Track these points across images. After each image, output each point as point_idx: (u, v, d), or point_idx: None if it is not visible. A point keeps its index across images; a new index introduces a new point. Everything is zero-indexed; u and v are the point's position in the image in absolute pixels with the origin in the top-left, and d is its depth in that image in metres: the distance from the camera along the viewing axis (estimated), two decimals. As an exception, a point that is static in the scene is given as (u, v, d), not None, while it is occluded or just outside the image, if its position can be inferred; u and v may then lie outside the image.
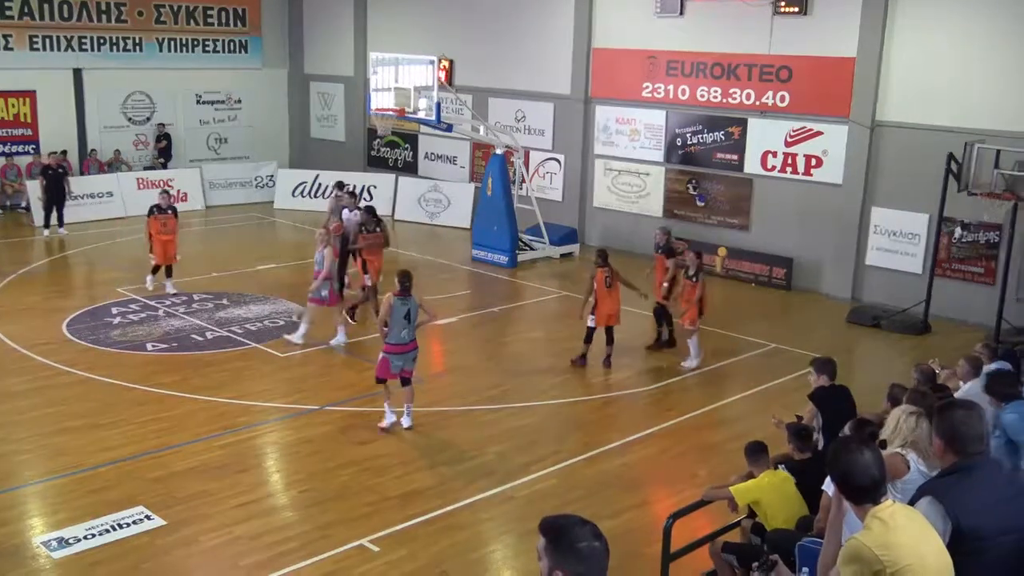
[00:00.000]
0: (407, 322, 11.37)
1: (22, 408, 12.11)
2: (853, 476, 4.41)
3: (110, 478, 10.23)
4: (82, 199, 23.37)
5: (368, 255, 15.85)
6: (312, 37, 29.10)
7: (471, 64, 24.62)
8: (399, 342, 11.43)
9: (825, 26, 18.38)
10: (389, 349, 11.47)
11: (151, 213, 17.33)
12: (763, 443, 8.14)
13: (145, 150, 27.10)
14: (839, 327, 16.96)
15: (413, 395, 11.81)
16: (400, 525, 9.38)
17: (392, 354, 11.48)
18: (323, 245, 14.66)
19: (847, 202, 18.46)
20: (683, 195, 21.11)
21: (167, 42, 27.03)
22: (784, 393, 13.09)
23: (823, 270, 19.03)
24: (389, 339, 11.44)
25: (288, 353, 14.43)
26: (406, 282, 11.42)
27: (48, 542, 8.90)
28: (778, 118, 19.33)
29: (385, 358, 11.51)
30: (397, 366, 11.56)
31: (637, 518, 9.72)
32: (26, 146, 25.05)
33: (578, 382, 13.80)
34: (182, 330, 15.38)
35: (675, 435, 11.97)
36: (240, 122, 28.80)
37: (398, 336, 11.40)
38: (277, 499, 10.16)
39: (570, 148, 22.95)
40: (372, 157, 27.92)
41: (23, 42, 24.60)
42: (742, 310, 17.89)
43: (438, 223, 24.54)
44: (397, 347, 11.46)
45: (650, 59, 21.02)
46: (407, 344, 11.51)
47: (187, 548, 8.91)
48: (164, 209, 17.30)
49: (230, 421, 11.88)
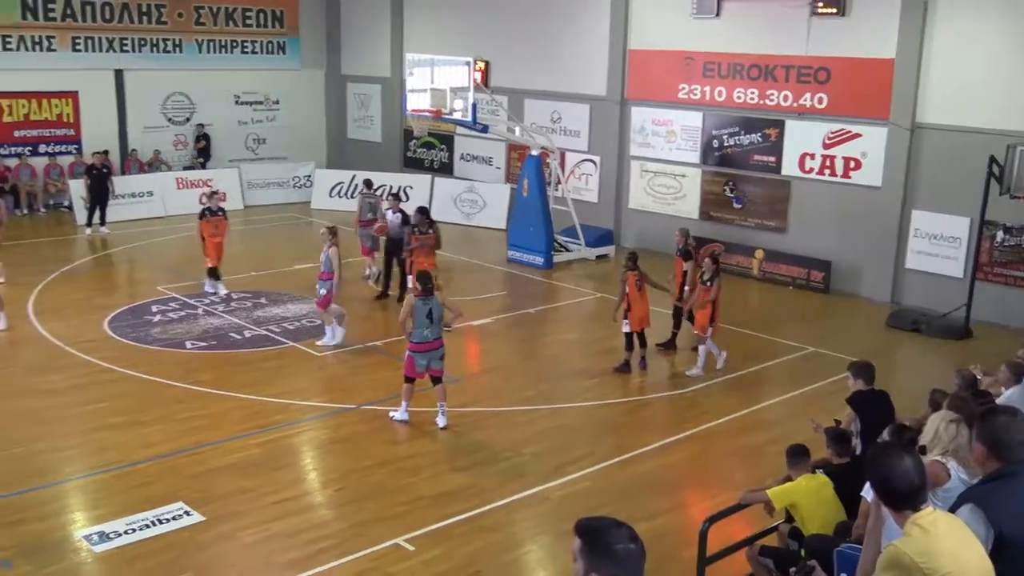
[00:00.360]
0: (429, 321, 11.59)
1: (65, 404, 12.30)
2: (892, 482, 4.36)
3: (150, 474, 10.37)
4: (122, 199, 23.67)
5: (418, 256, 15.81)
6: (349, 38, 29.28)
7: (507, 65, 24.66)
8: (422, 340, 11.67)
9: (863, 27, 18.22)
10: (413, 348, 11.72)
11: (203, 216, 17.34)
12: (804, 446, 8.06)
13: (184, 150, 27.43)
14: (878, 331, 16.80)
15: (445, 393, 11.90)
16: (435, 524, 9.42)
17: (416, 352, 11.70)
18: (328, 245, 14.59)
19: (886, 205, 18.28)
20: (720, 197, 21.01)
21: (206, 43, 27.33)
22: (822, 397, 12.99)
23: (862, 273, 18.86)
24: (413, 338, 11.70)
25: (324, 352, 14.54)
26: (427, 283, 11.70)
27: (90, 536, 9.03)
28: (816, 120, 19.19)
29: (410, 356, 11.75)
30: (422, 364, 11.75)
31: (673, 521, 9.69)
32: (68, 146, 25.45)
33: (614, 384, 13.77)
34: (221, 328, 15.53)
35: (712, 438, 11.91)
36: (278, 123, 29.06)
37: (421, 335, 11.65)
38: (313, 497, 10.25)
39: (606, 149, 22.92)
40: (408, 158, 28.04)
41: (66, 43, 24.97)
42: (779, 313, 17.78)
43: (474, 224, 24.60)
44: (420, 345, 11.68)
45: (687, 60, 20.94)
46: (430, 343, 11.72)
47: (225, 544, 9.01)
48: (215, 211, 17.35)
49: (267, 419, 11.99)
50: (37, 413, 11.97)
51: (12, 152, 24.64)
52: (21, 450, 10.89)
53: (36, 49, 24.56)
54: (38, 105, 25.01)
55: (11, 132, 24.67)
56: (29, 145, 24.91)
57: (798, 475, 7.77)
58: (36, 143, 25.02)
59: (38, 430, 11.45)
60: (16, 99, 24.63)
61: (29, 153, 24.75)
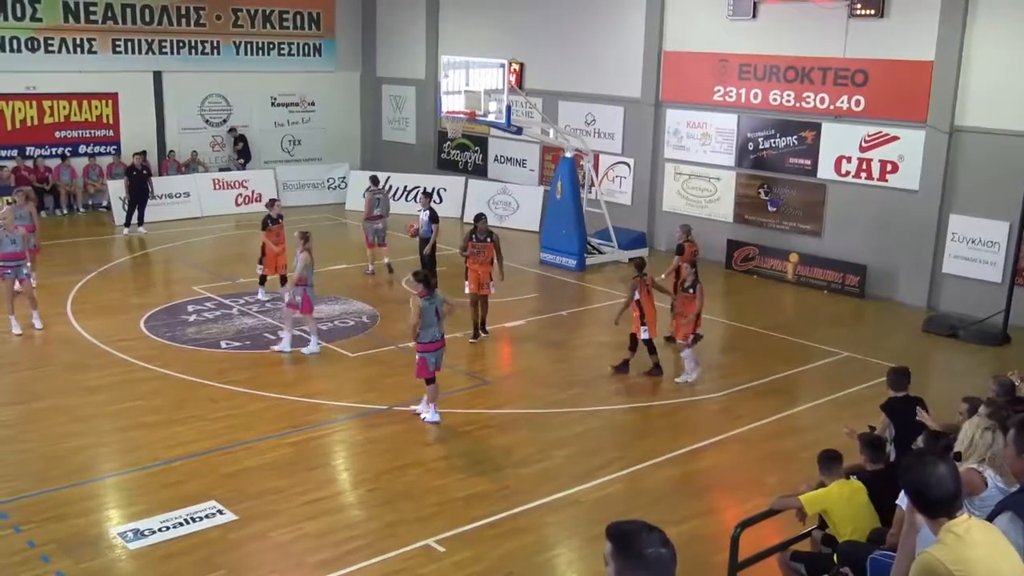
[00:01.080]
0: (437, 319, 11.67)
1: (101, 402, 12.46)
2: (928, 489, 4.31)
3: (184, 472, 10.47)
4: (160, 199, 23.93)
5: (472, 264, 15.49)
6: (385, 41, 29.42)
7: (541, 67, 24.66)
8: (433, 340, 11.74)
9: (902, 29, 18.03)
10: (424, 348, 11.75)
11: (265, 226, 16.98)
12: (837, 452, 8.00)
13: (221, 151, 27.70)
14: (914, 336, 16.61)
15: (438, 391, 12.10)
16: (466, 526, 9.44)
17: (428, 353, 11.76)
18: (300, 250, 14.31)
19: (924, 209, 18.08)
20: (754, 200, 20.88)
21: (244, 45, 27.58)
22: (856, 402, 12.87)
23: (898, 278, 18.66)
24: (422, 339, 11.70)
25: (358, 353, 14.60)
26: (429, 280, 11.81)
27: (125, 533, 9.14)
28: (853, 123, 19.02)
29: (423, 358, 11.78)
30: (433, 363, 11.82)
31: (705, 526, 9.65)
32: (108, 147, 25.78)
33: (646, 387, 13.72)
34: (255, 328, 15.66)
35: (744, 442, 11.84)
36: (313, 124, 29.27)
37: (432, 335, 11.71)
38: (345, 497, 10.30)
39: (640, 152, 22.85)
40: (442, 160, 28.11)
41: (106, 45, 25.30)
42: (814, 317, 17.65)
43: (507, 226, 24.58)
44: (431, 345, 11.76)
45: (722, 62, 20.84)
46: (439, 341, 11.84)
47: (258, 543, 9.08)
48: (275, 219, 17.05)
49: (300, 419, 12.07)
50: (74, 410, 12.13)
51: (53, 153, 25.00)
52: (59, 447, 11.04)
53: (77, 51, 24.91)
54: (78, 106, 25.37)
55: (52, 133, 25.04)
56: (69, 146, 25.27)
57: (831, 481, 7.70)
58: (76, 144, 25.37)
59: (75, 427, 11.61)
60: (57, 100, 25.00)
61: (69, 154, 25.10)
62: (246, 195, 25.94)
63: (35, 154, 24.75)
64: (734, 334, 16.64)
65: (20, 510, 9.50)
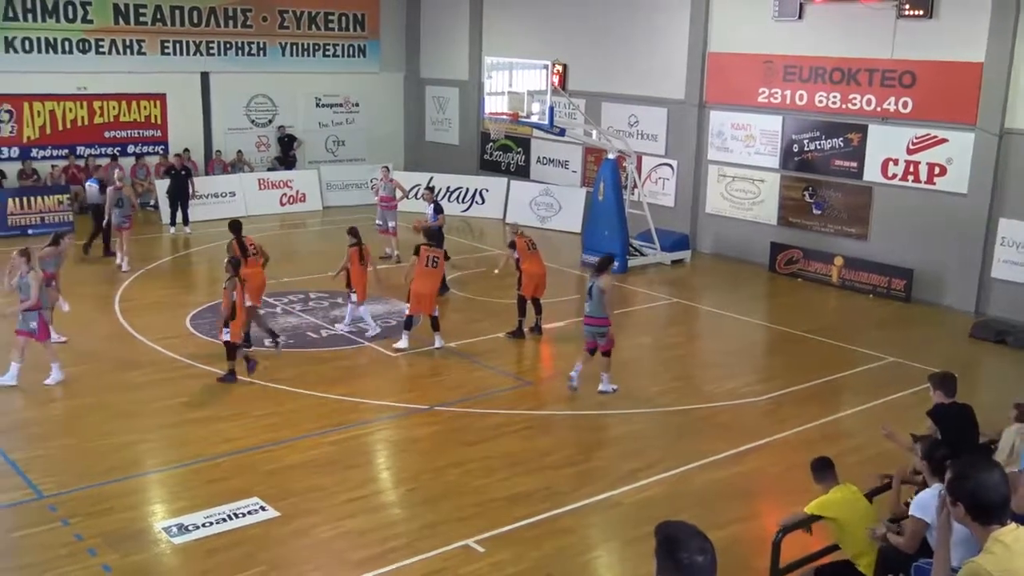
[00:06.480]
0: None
1: (147, 399, 12.63)
2: (985, 495, 4.24)
3: (228, 469, 10.58)
4: (206, 199, 24.22)
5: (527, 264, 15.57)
6: (428, 42, 29.56)
7: (585, 68, 24.62)
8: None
9: (952, 30, 17.76)
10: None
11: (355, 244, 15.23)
12: (828, 458, 7.93)
13: (266, 151, 27.99)
14: (961, 342, 16.36)
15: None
16: (506, 527, 9.44)
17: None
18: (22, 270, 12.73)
19: (972, 212, 17.80)
20: (799, 203, 20.69)
21: (289, 46, 27.86)
22: (902, 408, 12.70)
23: (945, 282, 18.39)
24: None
25: (399, 353, 14.65)
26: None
27: (169, 528, 9.26)
28: (900, 125, 18.77)
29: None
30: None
31: (746, 531, 9.56)
32: (156, 147, 26.16)
33: (687, 390, 13.65)
34: (298, 327, 15.79)
35: (787, 447, 11.72)
36: (357, 125, 29.48)
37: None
38: (386, 496, 10.35)
39: (683, 153, 22.73)
40: (485, 161, 28.17)
41: (155, 47, 25.68)
42: (858, 321, 17.45)
43: (549, 227, 24.59)
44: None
45: (767, 63, 20.67)
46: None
47: (299, 540, 9.15)
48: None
49: (341, 418, 12.14)
50: (120, 406, 12.32)
51: (103, 152, 25.40)
52: (105, 442, 11.21)
53: (127, 52, 25.31)
54: (127, 107, 25.78)
55: (102, 133, 25.46)
56: (118, 146, 25.66)
57: (827, 488, 7.66)
58: (125, 144, 25.76)
59: (121, 423, 11.78)
60: (107, 101, 25.43)
61: (118, 153, 25.48)
62: (290, 195, 26.19)
63: (86, 154, 25.16)
64: (777, 337, 16.49)
65: (67, 504, 9.66)
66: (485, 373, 13.94)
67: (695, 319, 17.81)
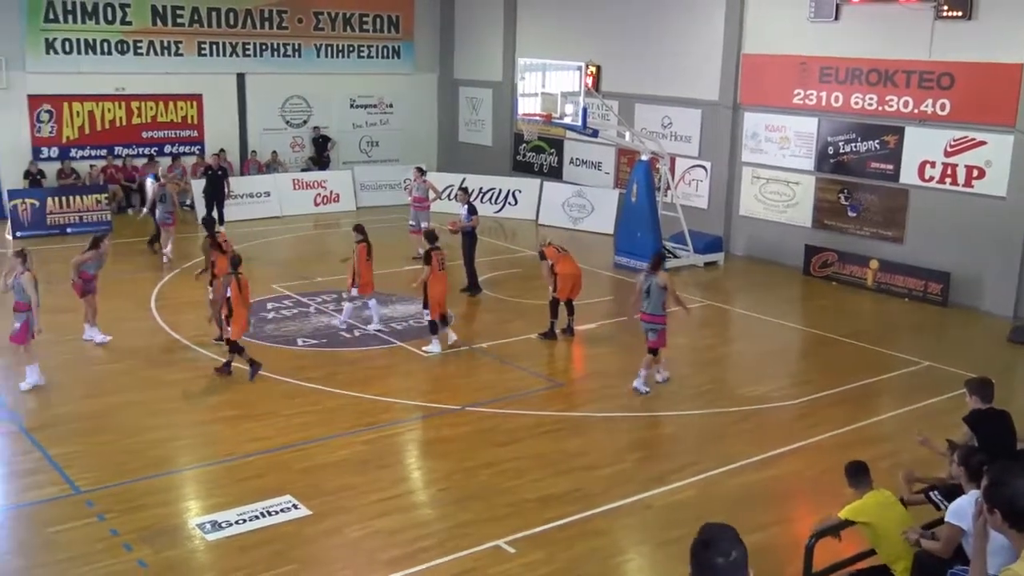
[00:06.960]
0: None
1: (181, 396, 12.76)
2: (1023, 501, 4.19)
3: (260, 467, 10.66)
4: (241, 198, 24.43)
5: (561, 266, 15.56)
6: (462, 43, 29.62)
7: (618, 70, 24.57)
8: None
9: (990, 30, 17.54)
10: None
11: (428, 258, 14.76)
12: (863, 463, 7.84)
13: (301, 152, 28.20)
14: (999, 346, 16.15)
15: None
16: (537, 528, 9.44)
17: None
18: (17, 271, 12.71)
19: (1011, 216, 17.56)
20: (834, 205, 20.52)
21: (324, 48, 28.05)
22: (938, 414, 12.56)
23: (983, 286, 18.16)
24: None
25: (430, 354, 14.68)
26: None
27: (203, 524, 9.34)
28: (938, 127, 18.56)
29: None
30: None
31: (778, 535, 9.50)
32: (192, 147, 26.44)
33: (720, 393, 13.59)
34: (331, 327, 15.87)
35: (820, 451, 11.62)
36: (391, 126, 29.63)
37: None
38: (416, 496, 10.39)
39: (717, 155, 22.63)
40: (518, 162, 28.19)
41: (192, 48, 25.95)
42: (894, 325, 17.28)
43: (581, 228, 24.56)
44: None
45: (802, 65, 20.52)
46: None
47: (331, 539, 9.20)
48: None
49: (373, 417, 12.20)
50: (154, 404, 12.45)
51: (140, 152, 25.69)
52: (139, 439, 11.33)
53: (165, 54, 25.60)
54: (164, 107, 26.06)
55: (139, 133, 25.77)
56: (156, 146, 25.95)
57: (862, 492, 7.58)
58: (162, 144, 26.05)
59: (156, 421, 11.90)
60: (145, 101, 25.73)
61: (156, 153, 25.76)
62: (325, 195, 26.36)
63: (123, 154, 25.47)
64: (811, 341, 16.37)
65: (103, 499, 9.78)
66: (517, 374, 13.94)
67: (728, 322, 17.71)
